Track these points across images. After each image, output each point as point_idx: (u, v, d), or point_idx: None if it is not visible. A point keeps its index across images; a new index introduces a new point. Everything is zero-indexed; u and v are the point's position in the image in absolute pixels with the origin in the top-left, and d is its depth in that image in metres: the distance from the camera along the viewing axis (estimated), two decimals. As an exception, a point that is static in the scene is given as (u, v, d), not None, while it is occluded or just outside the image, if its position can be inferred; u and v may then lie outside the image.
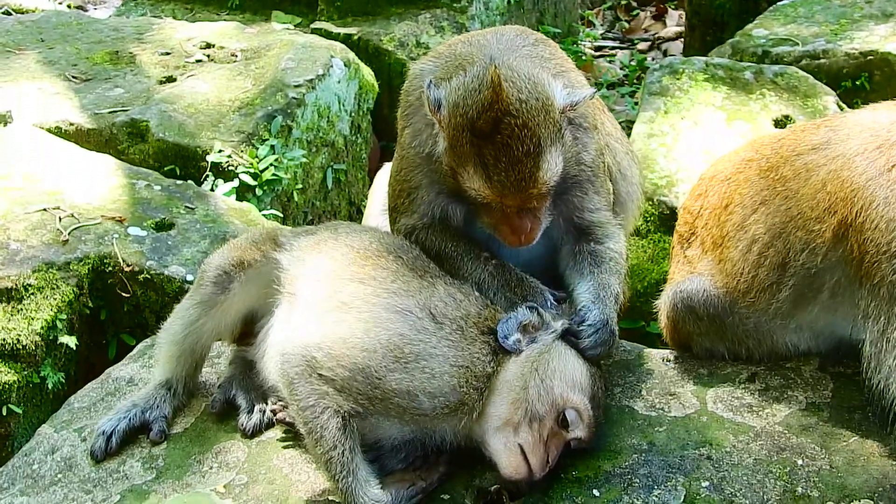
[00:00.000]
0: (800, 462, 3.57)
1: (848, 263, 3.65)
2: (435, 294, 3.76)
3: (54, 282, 5.06)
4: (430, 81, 3.84)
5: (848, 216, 3.61)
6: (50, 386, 4.93)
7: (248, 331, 4.11)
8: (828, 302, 3.77)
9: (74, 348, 5.02)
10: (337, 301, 3.72)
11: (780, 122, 6.38)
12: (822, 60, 7.43)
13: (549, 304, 3.92)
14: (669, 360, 4.23)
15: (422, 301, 3.71)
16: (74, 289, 5.09)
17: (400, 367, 3.52)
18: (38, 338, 4.87)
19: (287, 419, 3.82)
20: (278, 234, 4.12)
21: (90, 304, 5.19)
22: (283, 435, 3.88)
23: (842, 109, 6.53)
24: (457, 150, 3.74)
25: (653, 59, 10.46)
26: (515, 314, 3.74)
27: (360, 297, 3.71)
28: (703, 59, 7.09)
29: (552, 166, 3.73)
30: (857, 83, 7.30)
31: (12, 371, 4.80)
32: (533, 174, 3.68)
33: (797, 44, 7.63)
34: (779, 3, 8.49)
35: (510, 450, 3.52)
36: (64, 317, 5.00)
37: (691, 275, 4.21)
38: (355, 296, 3.72)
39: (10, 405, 4.75)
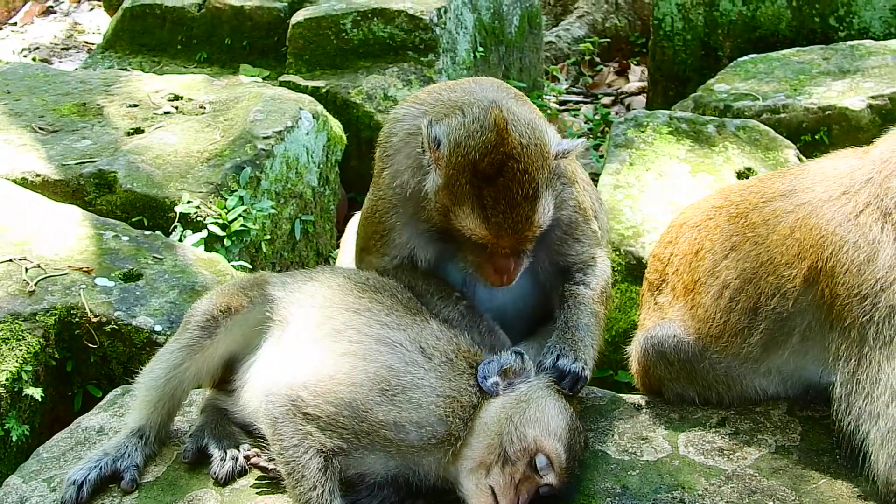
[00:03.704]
0: (771, 504, 3.61)
1: (819, 307, 3.72)
2: (427, 329, 3.84)
3: (20, 333, 5.00)
4: (430, 120, 3.89)
5: (818, 262, 3.69)
6: (14, 438, 4.84)
7: (226, 377, 4.11)
8: (798, 345, 3.83)
9: (40, 400, 4.94)
10: (329, 328, 3.78)
11: (743, 174, 6.49)
12: (783, 115, 7.57)
13: None
14: (641, 405, 4.26)
15: (413, 335, 3.77)
16: (40, 340, 5.03)
17: (387, 399, 3.55)
18: (2, 389, 4.79)
19: (261, 464, 3.80)
20: (268, 279, 4.17)
21: (56, 356, 5.12)
22: (257, 482, 3.84)
23: (802, 162, 6.65)
24: (454, 190, 3.81)
25: (616, 114, 10.63)
26: (499, 357, 3.79)
27: (354, 326, 3.78)
28: (667, 112, 7.21)
29: (546, 210, 3.86)
30: (817, 137, 7.44)
31: (-24, 423, 4.73)
32: (529, 217, 3.79)
33: (758, 98, 7.78)
34: (739, 59, 8.67)
35: (481, 490, 3.53)
36: (29, 368, 4.93)
37: (662, 321, 4.26)
38: (348, 325, 3.78)
39: (-27, 458, 4.69)
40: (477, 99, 3.97)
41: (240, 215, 6.41)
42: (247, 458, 3.88)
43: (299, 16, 9.08)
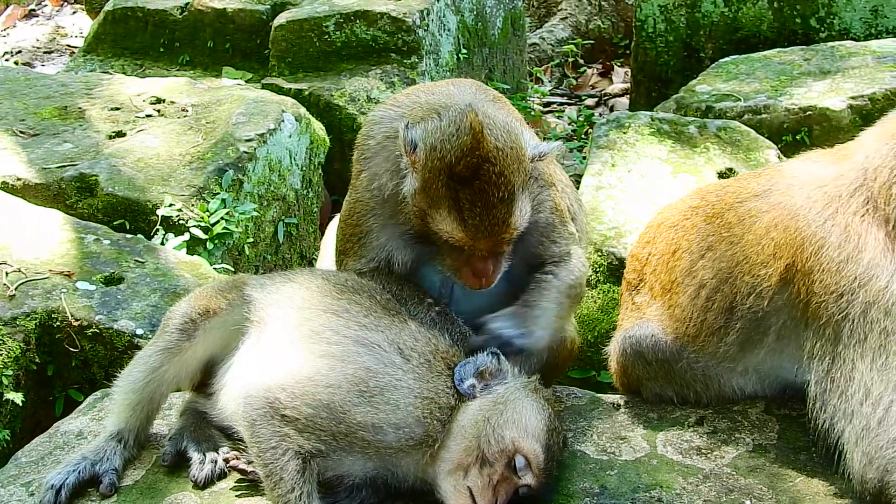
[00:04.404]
0: (748, 503, 3.62)
1: (794, 306, 3.74)
2: (405, 331, 3.85)
3: (0, 337, 4.99)
4: (407, 123, 3.91)
5: (796, 261, 3.71)
6: (-5, 443, 4.85)
7: (205, 380, 4.10)
8: (774, 344, 3.86)
9: (21, 405, 4.93)
10: (308, 329, 3.80)
11: (724, 175, 6.50)
12: (764, 115, 7.59)
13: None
14: (620, 405, 4.28)
15: (391, 336, 3.78)
16: (21, 344, 5.02)
17: (364, 400, 3.57)
18: (-17, 394, 4.80)
19: (240, 466, 3.80)
20: (246, 281, 4.17)
21: (37, 360, 5.11)
22: (236, 485, 3.84)
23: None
24: (430, 193, 3.83)
25: (600, 115, 10.64)
26: (475, 358, 3.81)
27: (332, 327, 3.79)
28: (649, 113, 7.22)
29: (523, 212, 3.88)
30: (798, 137, 7.45)
31: (-44, 429, 4.72)
32: (506, 219, 3.81)
33: (739, 99, 7.80)
34: (721, 61, 8.70)
35: (459, 491, 3.55)
36: (10, 373, 4.92)
37: (640, 321, 4.29)
38: (327, 326, 3.80)
39: (-47, 463, 4.66)
40: (454, 102, 3.99)
41: (222, 218, 6.38)
42: (226, 460, 3.88)
43: (282, 18, 9.08)
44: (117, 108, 7.46)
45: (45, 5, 14.45)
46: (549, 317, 4.13)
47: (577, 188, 6.37)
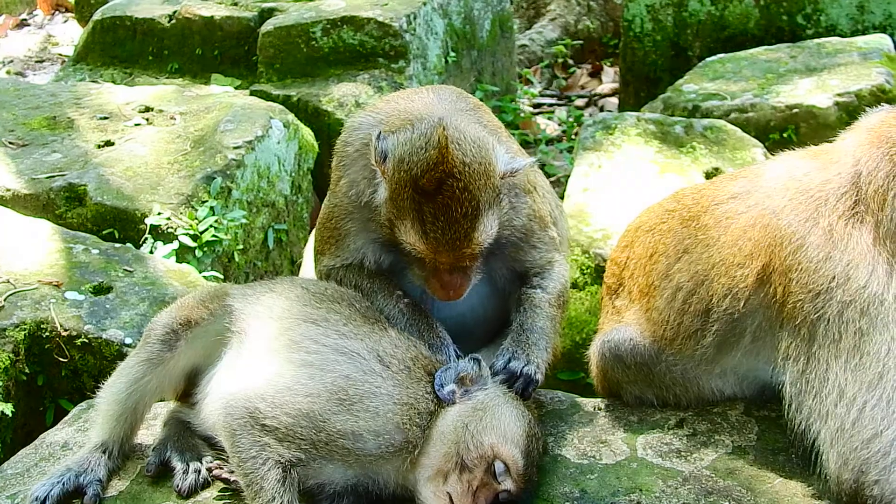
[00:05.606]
0: (727, 505, 3.65)
1: (769, 306, 3.75)
2: (385, 338, 3.87)
3: (-11, 348, 5.01)
4: (380, 133, 3.92)
5: (774, 259, 3.71)
6: (-15, 455, 4.86)
7: (189, 389, 4.13)
8: (750, 346, 3.87)
9: (10, 415, 4.95)
10: (287, 339, 3.83)
11: (711, 175, 6.52)
12: (750, 114, 7.62)
13: (450, 359, 4.00)
14: (600, 409, 4.30)
15: (370, 344, 3.81)
16: (10, 355, 5.03)
17: (344, 408, 3.59)
18: (-28, 406, 4.82)
19: (223, 476, 3.82)
20: (228, 291, 4.19)
21: (27, 370, 5.13)
22: (220, 494, 3.86)
23: (766, 162, 6.68)
24: (397, 203, 3.84)
25: (590, 115, 10.64)
26: (456, 364, 3.84)
27: (311, 336, 3.82)
28: (635, 114, 7.25)
29: (487, 229, 3.87)
30: (785, 135, 7.48)
31: (-53, 440, 4.74)
32: (468, 235, 3.81)
33: (726, 98, 7.83)
34: (707, 59, 8.73)
35: (439, 497, 3.57)
36: None
37: (618, 324, 4.31)
38: (306, 335, 3.82)
39: (-57, 474, 4.68)
40: (430, 113, 4.01)
41: (211, 226, 6.41)
42: (209, 470, 3.89)
43: (269, 25, 9.11)
44: (106, 118, 7.49)
45: (37, 14, 14.47)
46: (548, 334, 4.19)
47: (564, 189, 6.41)
